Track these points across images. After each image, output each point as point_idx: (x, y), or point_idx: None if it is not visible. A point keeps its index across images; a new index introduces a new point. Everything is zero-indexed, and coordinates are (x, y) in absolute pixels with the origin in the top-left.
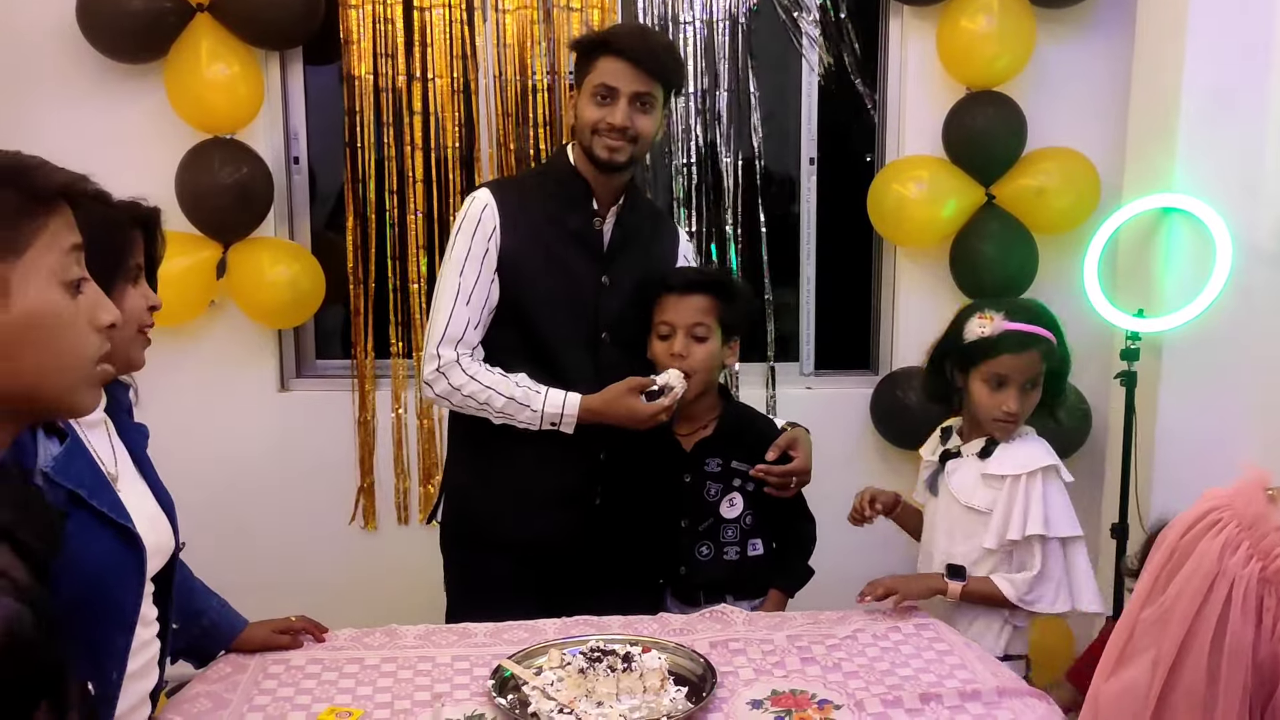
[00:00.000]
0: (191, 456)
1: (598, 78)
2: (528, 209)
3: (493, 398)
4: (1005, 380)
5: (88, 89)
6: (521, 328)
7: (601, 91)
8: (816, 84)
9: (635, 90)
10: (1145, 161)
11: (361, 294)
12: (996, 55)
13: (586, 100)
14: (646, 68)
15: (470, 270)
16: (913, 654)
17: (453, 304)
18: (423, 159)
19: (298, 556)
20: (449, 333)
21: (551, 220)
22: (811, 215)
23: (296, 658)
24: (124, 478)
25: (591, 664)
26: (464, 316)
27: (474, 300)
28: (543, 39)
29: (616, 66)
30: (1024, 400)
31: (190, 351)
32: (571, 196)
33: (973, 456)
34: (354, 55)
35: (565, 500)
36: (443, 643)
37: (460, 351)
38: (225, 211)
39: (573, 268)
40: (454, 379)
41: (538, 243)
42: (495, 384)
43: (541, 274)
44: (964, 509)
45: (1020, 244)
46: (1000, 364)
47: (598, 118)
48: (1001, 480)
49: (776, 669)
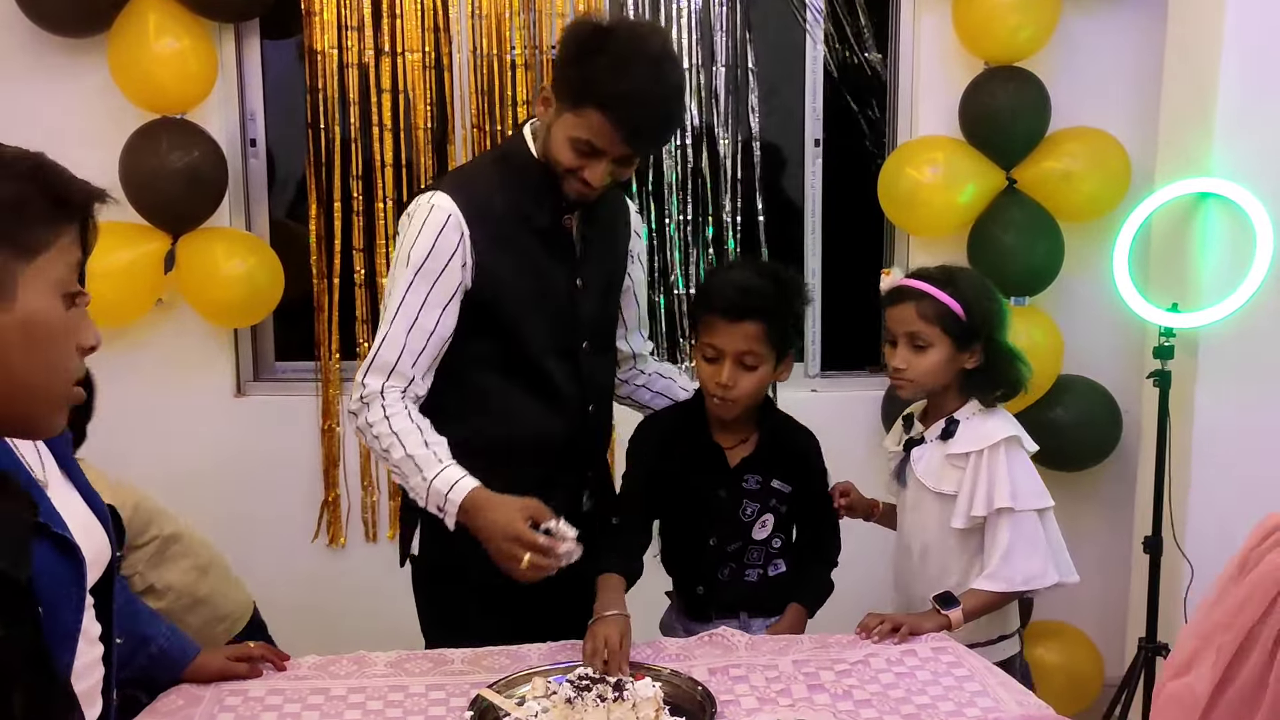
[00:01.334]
0: (139, 470)
1: (583, 130)
2: (493, 208)
3: (393, 450)
4: (892, 335)
5: (24, 66)
6: (500, 339)
7: (584, 148)
8: (822, 59)
9: (622, 154)
10: (1179, 143)
11: (325, 289)
12: (1018, 27)
13: (563, 140)
14: (638, 145)
15: (420, 289)
16: (930, 680)
17: (389, 328)
18: (392, 141)
19: (257, 577)
20: (379, 359)
21: (519, 217)
22: (816, 201)
23: (255, 688)
24: (53, 484)
25: (580, 693)
26: (400, 345)
27: (419, 326)
28: (522, 10)
29: (608, 131)
30: (908, 357)
31: (136, 355)
32: (538, 192)
33: (936, 440)
34: (316, 28)
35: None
36: (416, 671)
37: (389, 385)
38: (175, 199)
39: (546, 271)
40: (371, 414)
41: (509, 246)
42: (404, 436)
43: (517, 279)
44: (934, 495)
45: (1044, 232)
46: (888, 318)
47: (574, 165)
48: (965, 458)
49: (782, 697)
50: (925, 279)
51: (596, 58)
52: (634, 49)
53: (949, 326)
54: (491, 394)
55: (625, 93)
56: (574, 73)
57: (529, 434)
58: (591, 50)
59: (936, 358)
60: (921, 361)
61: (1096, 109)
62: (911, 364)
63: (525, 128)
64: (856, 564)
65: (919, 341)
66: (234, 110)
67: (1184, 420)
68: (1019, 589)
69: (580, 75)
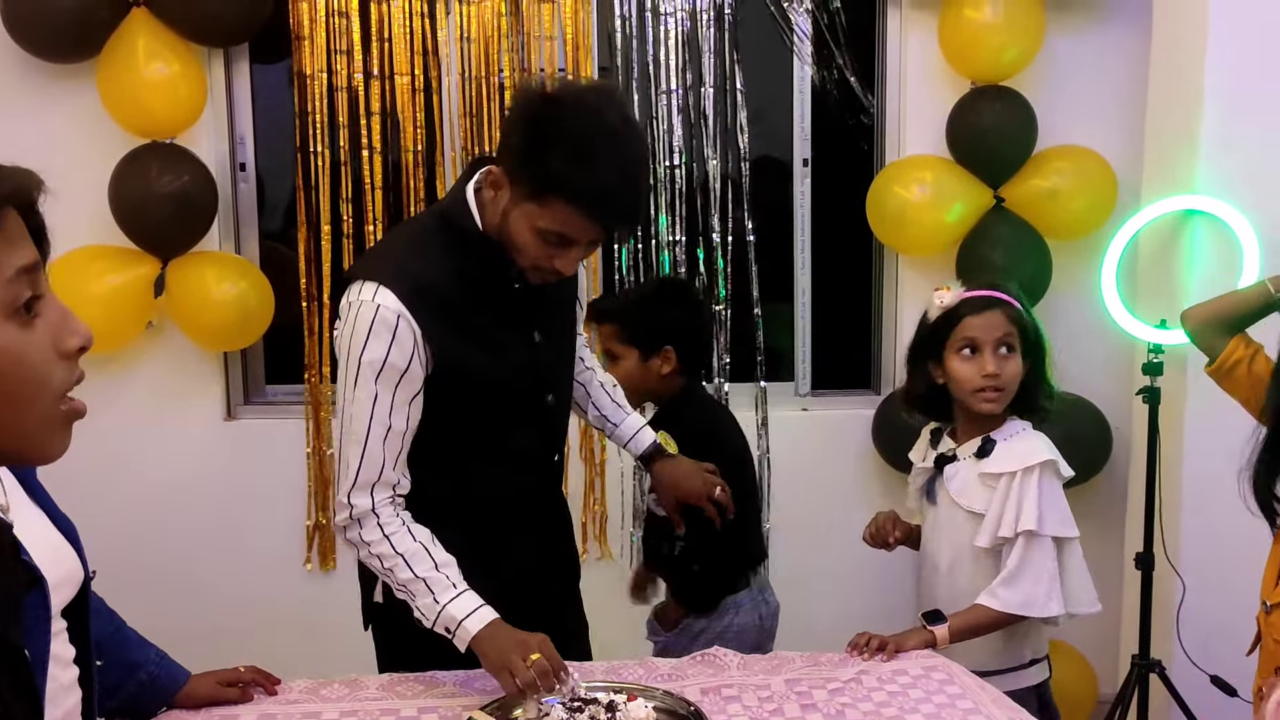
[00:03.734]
0: (129, 494)
1: (554, 223)
2: (439, 292)
3: (399, 570)
4: (976, 343)
5: (13, 91)
6: (463, 415)
7: (554, 239)
8: (809, 79)
9: (594, 239)
10: (1165, 161)
11: (315, 312)
12: (1004, 47)
13: (529, 231)
14: (618, 229)
15: (384, 397)
16: (922, 698)
17: (365, 445)
18: (381, 164)
19: (247, 600)
20: (362, 478)
21: (467, 293)
22: (806, 221)
23: (246, 713)
24: (16, 507)
25: (572, 714)
26: (379, 459)
27: (393, 430)
28: (510, 34)
29: (581, 222)
30: (1001, 363)
31: (126, 378)
32: (487, 262)
33: (970, 458)
34: (306, 52)
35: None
36: (408, 693)
37: (379, 498)
38: (164, 223)
39: (504, 339)
40: (367, 533)
41: (463, 329)
42: (410, 555)
43: (477, 357)
44: (966, 514)
45: (1032, 250)
46: (967, 327)
47: (542, 257)
48: (998, 478)
49: (774, 716)
50: (993, 289)
51: (554, 147)
52: (592, 129)
53: (1024, 334)
54: (454, 461)
55: (593, 187)
56: (532, 162)
57: (491, 495)
58: (547, 137)
59: (1017, 364)
60: (1010, 366)
61: (1083, 127)
62: (1004, 369)
63: (468, 189)
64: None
65: (1009, 343)
66: (224, 134)
67: (1174, 436)
68: (1013, 611)
69: (541, 168)
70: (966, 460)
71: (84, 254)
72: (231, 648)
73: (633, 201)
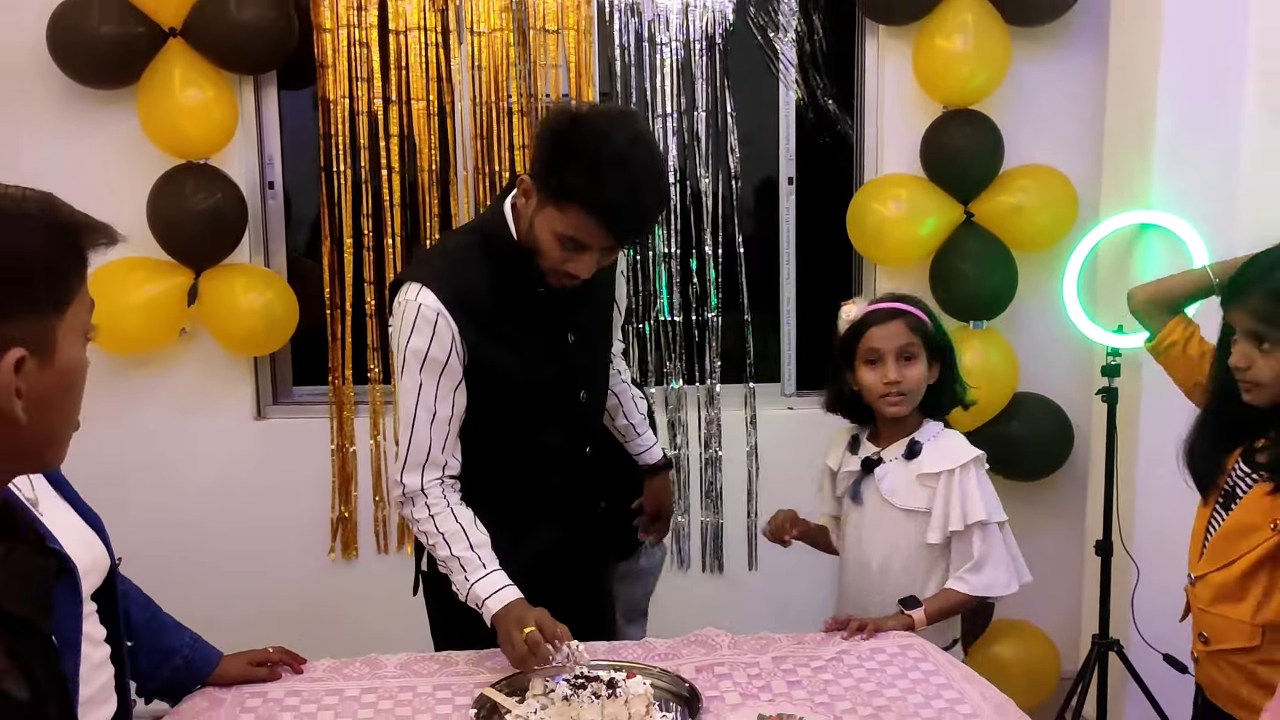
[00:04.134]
0: (166, 488)
1: (569, 228)
2: (476, 295)
3: (439, 546)
4: (879, 353)
5: (59, 115)
6: (498, 414)
7: (570, 244)
8: (794, 104)
9: (606, 246)
10: (1122, 178)
11: (338, 319)
12: (972, 74)
13: (550, 234)
14: (625, 239)
15: (429, 385)
16: (899, 674)
17: (413, 428)
18: (399, 182)
19: (275, 587)
20: (411, 459)
21: (502, 297)
22: (791, 234)
23: (274, 690)
24: (43, 500)
25: (576, 691)
26: (426, 441)
27: (438, 418)
28: (518, 61)
29: (593, 228)
30: (903, 370)
31: (161, 381)
32: (521, 268)
33: (898, 459)
34: (329, 79)
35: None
36: (424, 672)
37: (428, 478)
38: (198, 237)
39: (537, 341)
40: (416, 511)
41: (497, 330)
42: (449, 535)
43: (510, 359)
44: (901, 512)
45: (999, 261)
46: (870, 338)
47: (560, 259)
48: (935, 477)
49: (763, 693)
50: (891, 302)
51: (573, 161)
52: (607, 148)
53: (928, 340)
54: (490, 453)
55: (604, 199)
56: (554, 173)
57: (525, 483)
58: (568, 151)
59: (920, 371)
60: (911, 373)
61: (1045, 148)
62: (905, 376)
63: (505, 203)
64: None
65: (909, 352)
66: (253, 155)
67: (1130, 433)
68: (981, 594)
69: (559, 178)
70: (895, 462)
71: (123, 265)
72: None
73: (640, 214)
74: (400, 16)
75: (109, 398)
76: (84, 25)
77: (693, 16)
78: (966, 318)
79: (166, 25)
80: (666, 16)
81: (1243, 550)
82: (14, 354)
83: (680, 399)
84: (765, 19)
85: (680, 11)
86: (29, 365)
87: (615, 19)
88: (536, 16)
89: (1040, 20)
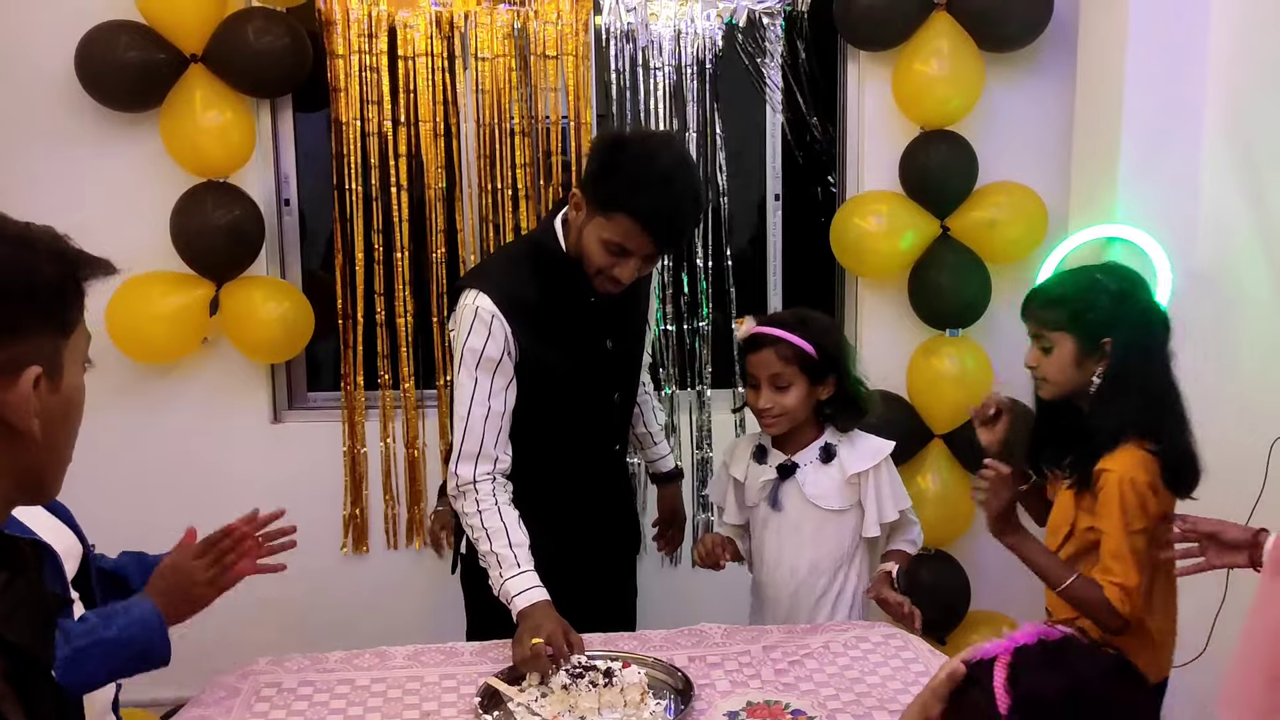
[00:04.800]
0: (188, 487)
1: (615, 234)
2: (527, 301)
3: (482, 541)
4: (754, 379)
5: (86, 136)
6: (543, 402)
7: (615, 249)
8: (780, 125)
9: (649, 252)
10: (1089, 195)
11: (350, 329)
12: (949, 97)
13: (596, 241)
14: (665, 247)
15: (484, 381)
16: (880, 662)
17: (467, 421)
18: (408, 199)
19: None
20: (465, 450)
21: (552, 305)
22: (777, 248)
23: (288, 680)
24: None
25: (574, 680)
26: (480, 434)
27: (491, 413)
28: (520, 85)
29: (637, 235)
30: (773, 397)
31: (184, 387)
32: (567, 278)
33: (814, 463)
34: (342, 102)
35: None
36: (431, 662)
37: (480, 472)
38: (218, 251)
39: (580, 343)
40: (466, 505)
41: (545, 334)
42: (492, 531)
43: (555, 361)
44: (825, 513)
45: (974, 273)
46: (749, 363)
47: (606, 264)
48: (858, 477)
49: (752, 681)
50: (779, 324)
51: (619, 173)
52: (650, 163)
53: (805, 365)
54: (531, 445)
55: (647, 206)
56: (601, 184)
57: (561, 473)
58: (615, 165)
59: (797, 395)
60: (784, 400)
61: (1017, 166)
62: (776, 403)
63: (556, 219)
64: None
65: (780, 383)
66: (270, 174)
67: None
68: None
69: (608, 189)
70: (812, 465)
71: (148, 278)
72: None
73: (680, 224)
74: (409, 43)
75: (135, 403)
76: (110, 51)
77: (685, 43)
78: (943, 326)
79: (188, 51)
80: (660, 43)
81: (1058, 544)
82: (33, 371)
83: (673, 403)
84: (753, 46)
85: (673, 39)
86: (43, 385)
87: (611, 45)
88: (537, 43)
89: (1012, 46)
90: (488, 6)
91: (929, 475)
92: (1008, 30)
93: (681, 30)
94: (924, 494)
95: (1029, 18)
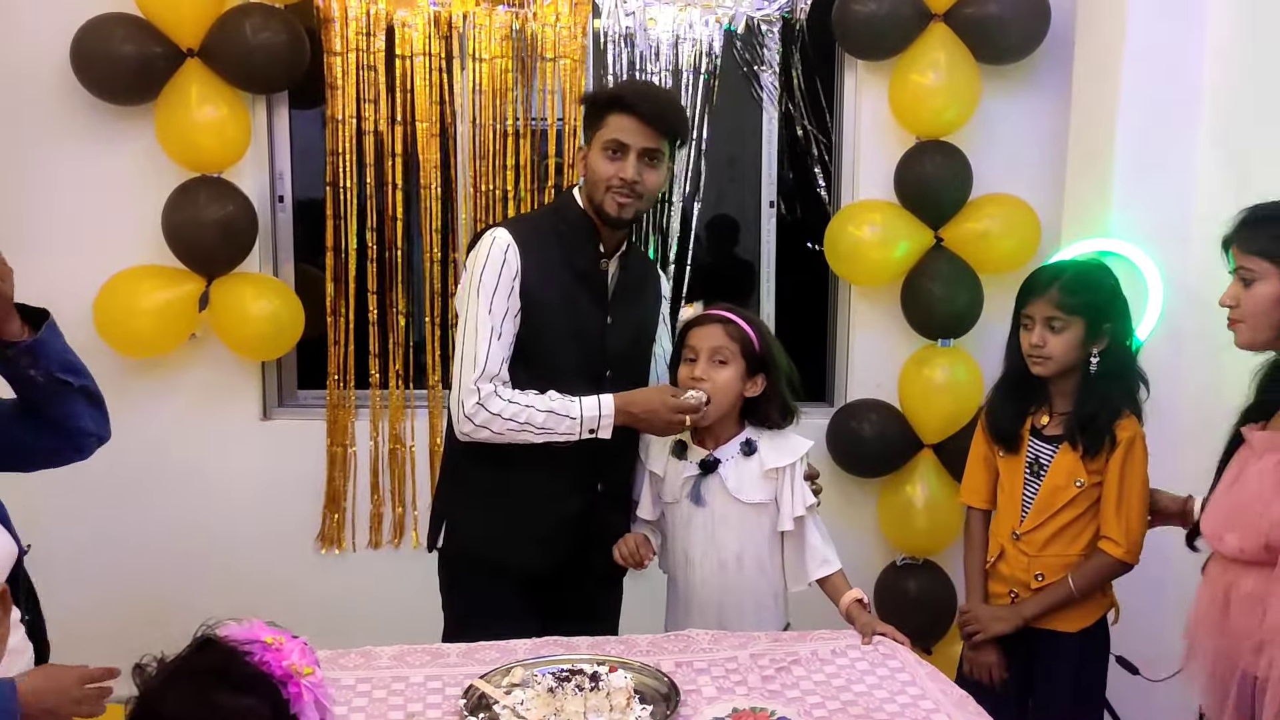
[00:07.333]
0: (177, 484)
1: (609, 133)
2: (543, 248)
3: (533, 415)
4: (695, 352)
5: (82, 129)
6: (532, 363)
7: (613, 146)
8: (776, 133)
9: (644, 146)
10: (1082, 208)
11: (341, 327)
12: (944, 108)
13: (598, 155)
14: (655, 125)
15: (499, 307)
16: (867, 670)
17: (487, 341)
18: (402, 198)
19: (275, 578)
20: (487, 368)
21: (563, 260)
22: (771, 255)
23: None
24: None
25: (560, 683)
26: (496, 352)
27: (504, 336)
28: (516, 86)
29: (627, 123)
30: (710, 371)
31: (172, 383)
32: (581, 239)
33: (736, 458)
34: (338, 99)
35: (563, 530)
36: (416, 663)
37: (494, 385)
38: (210, 247)
39: (581, 306)
40: (493, 406)
41: (553, 281)
42: (533, 401)
43: (556, 312)
44: (748, 507)
45: (966, 283)
46: (690, 337)
47: (610, 173)
48: (778, 472)
49: (739, 687)
50: (730, 311)
51: (602, 93)
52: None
53: (746, 352)
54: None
55: (634, 90)
56: (594, 105)
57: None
58: (600, 92)
59: (731, 375)
60: (719, 375)
61: (1011, 178)
62: (711, 377)
63: (574, 190)
64: None
65: (720, 356)
66: (264, 170)
67: None
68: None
69: (597, 104)
70: (735, 460)
71: (138, 272)
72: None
73: (661, 107)
74: (406, 43)
75: (123, 398)
76: (106, 45)
77: (682, 49)
78: (935, 336)
79: (185, 46)
80: (657, 48)
81: (1059, 505)
82: None
83: None
84: (750, 53)
85: (671, 44)
86: None
87: (609, 49)
88: (535, 45)
89: (1008, 59)
90: (487, 8)
91: (918, 485)
92: (1005, 42)
93: (680, 36)
94: (912, 504)
95: (1026, 30)
